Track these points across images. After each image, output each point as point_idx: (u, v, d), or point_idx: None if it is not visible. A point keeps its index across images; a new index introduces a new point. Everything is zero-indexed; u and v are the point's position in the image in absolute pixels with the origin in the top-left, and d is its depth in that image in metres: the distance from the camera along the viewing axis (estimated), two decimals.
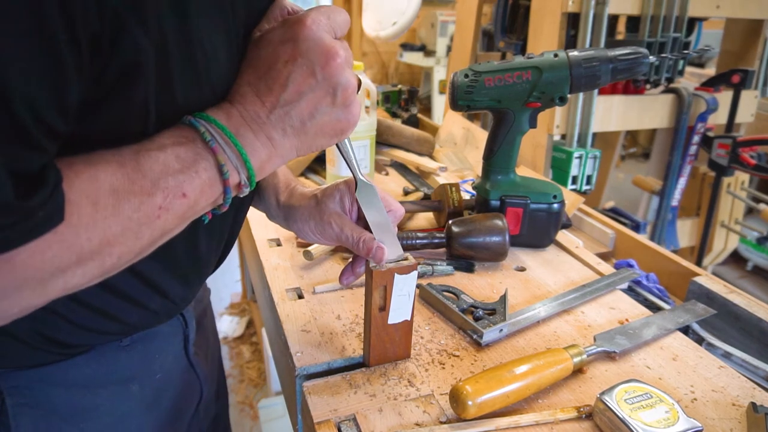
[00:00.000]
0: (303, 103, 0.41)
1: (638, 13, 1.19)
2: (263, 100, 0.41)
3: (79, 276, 0.35)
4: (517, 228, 0.86)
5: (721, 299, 0.75)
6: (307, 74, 0.40)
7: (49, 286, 0.34)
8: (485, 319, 0.66)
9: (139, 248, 0.38)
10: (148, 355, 0.55)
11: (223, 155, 0.39)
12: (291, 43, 0.40)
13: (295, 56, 0.40)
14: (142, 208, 0.36)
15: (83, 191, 0.33)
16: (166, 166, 0.37)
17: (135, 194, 0.35)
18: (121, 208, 0.35)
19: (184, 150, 0.38)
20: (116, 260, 0.37)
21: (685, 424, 0.49)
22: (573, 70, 0.78)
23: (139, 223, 0.36)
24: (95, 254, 0.35)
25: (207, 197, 0.40)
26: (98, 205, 0.34)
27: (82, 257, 0.34)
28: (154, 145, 0.38)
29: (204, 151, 0.39)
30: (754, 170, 1.31)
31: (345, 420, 0.52)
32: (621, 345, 0.63)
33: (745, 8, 1.28)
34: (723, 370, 0.61)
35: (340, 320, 0.67)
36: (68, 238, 0.33)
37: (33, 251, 0.31)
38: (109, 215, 0.34)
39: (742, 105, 1.36)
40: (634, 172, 1.89)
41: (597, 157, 1.19)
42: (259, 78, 0.41)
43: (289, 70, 0.40)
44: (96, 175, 0.34)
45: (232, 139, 0.40)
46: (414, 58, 2.66)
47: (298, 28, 0.40)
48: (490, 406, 0.51)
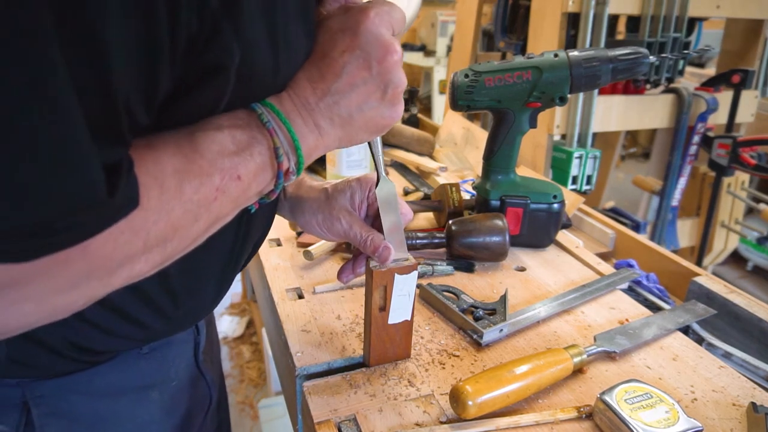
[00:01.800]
0: (353, 94, 0.41)
1: (638, 13, 1.19)
2: (314, 86, 0.40)
3: (143, 263, 0.34)
4: (517, 228, 0.86)
5: (721, 299, 0.75)
6: (362, 67, 0.40)
7: (115, 275, 0.33)
8: (485, 319, 0.66)
9: (195, 233, 0.37)
10: (165, 362, 0.55)
11: (278, 139, 0.39)
12: (350, 33, 0.40)
13: (353, 47, 0.40)
14: (201, 190, 0.35)
15: (150, 174, 0.32)
16: (222, 146, 0.36)
17: (195, 175, 0.35)
18: (183, 189, 0.34)
19: (240, 132, 0.37)
20: (176, 245, 0.36)
21: (685, 424, 0.49)
22: (573, 70, 0.78)
23: (198, 205, 0.35)
24: (160, 239, 0.34)
25: (259, 182, 0.39)
26: (164, 187, 0.33)
27: (148, 243, 0.33)
28: (211, 126, 0.37)
29: (259, 134, 0.38)
30: (755, 170, 1.31)
31: (345, 420, 0.52)
32: (621, 345, 0.63)
33: (745, 8, 1.28)
34: (723, 370, 0.61)
35: (340, 320, 0.67)
36: (138, 223, 0.32)
37: (106, 239, 0.30)
38: (173, 197, 0.33)
39: (742, 105, 1.36)
40: (634, 172, 1.89)
41: (597, 157, 1.19)
42: (312, 64, 0.40)
43: (345, 60, 0.40)
44: (159, 156, 0.33)
45: (285, 123, 0.39)
46: (414, 58, 2.66)
47: (360, 19, 0.40)
48: (490, 406, 0.51)
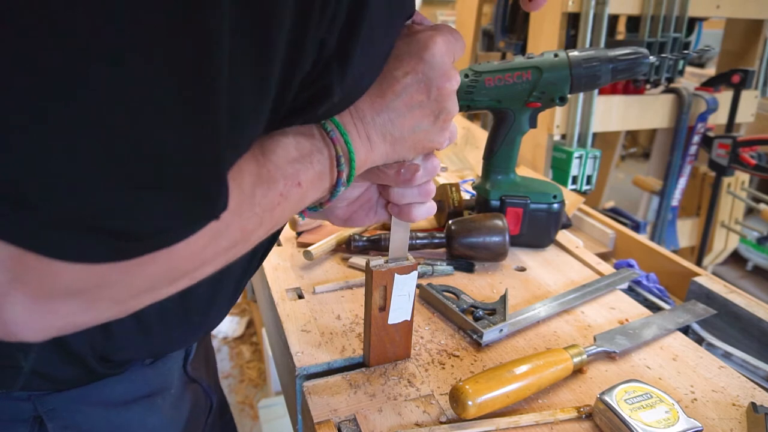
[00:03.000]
0: (409, 115, 0.42)
1: (638, 13, 1.19)
2: (373, 102, 0.41)
3: (210, 266, 0.34)
4: (517, 228, 0.86)
5: (721, 299, 0.75)
6: (421, 90, 0.42)
7: (184, 278, 0.32)
8: (485, 319, 0.66)
9: (256, 239, 0.37)
10: (164, 370, 0.56)
11: (340, 148, 0.40)
12: (416, 56, 0.41)
13: (416, 70, 0.41)
14: (269, 195, 0.35)
15: (232, 177, 0.32)
16: (287, 152, 0.37)
17: (264, 179, 0.35)
18: (255, 193, 0.34)
19: (304, 139, 0.38)
20: (239, 250, 0.36)
21: (685, 424, 0.49)
22: (573, 70, 0.78)
23: (263, 210, 0.35)
24: (231, 244, 0.34)
25: (316, 189, 0.40)
26: (243, 192, 0.33)
27: (220, 247, 0.33)
28: (277, 131, 0.38)
29: (320, 142, 0.39)
30: (755, 170, 1.31)
31: (345, 420, 0.52)
32: (621, 345, 0.63)
33: (745, 8, 1.28)
34: (723, 370, 0.61)
35: (340, 320, 0.67)
36: (218, 228, 0.31)
37: (192, 242, 0.30)
38: (246, 201, 0.33)
39: (742, 105, 1.36)
40: (634, 172, 1.89)
41: (597, 157, 1.19)
42: (382, 76, 0.41)
43: (407, 82, 0.41)
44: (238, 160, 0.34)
45: (343, 134, 0.40)
46: None
47: (428, 45, 0.41)
48: (490, 406, 0.51)
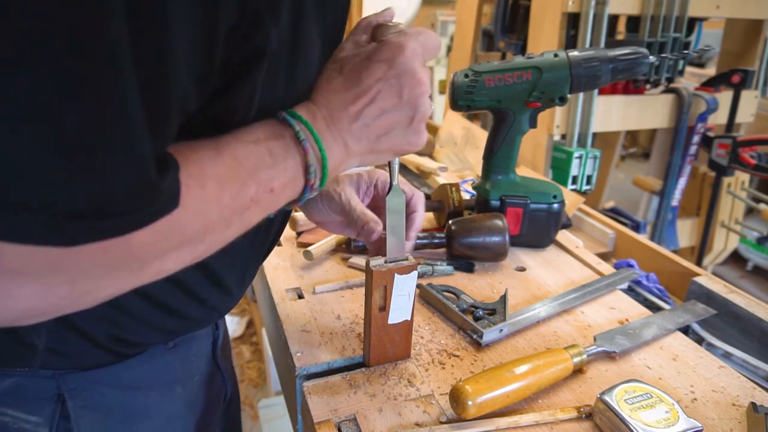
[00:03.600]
0: (383, 119, 0.44)
1: (638, 13, 1.19)
2: (348, 108, 0.43)
3: (173, 260, 0.35)
4: (517, 228, 0.86)
5: (721, 299, 0.75)
6: (394, 95, 0.43)
7: (147, 268, 0.34)
8: (485, 319, 0.66)
9: (225, 239, 0.39)
10: (188, 357, 0.56)
11: (311, 156, 0.41)
12: (387, 63, 0.43)
13: (387, 76, 0.43)
14: (238, 198, 0.37)
15: (192, 176, 0.34)
16: (260, 159, 0.38)
17: (233, 183, 0.36)
18: (222, 194, 0.36)
19: (277, 145, 0.39)
20: (206, 248, 0.37)
21: (685, 424, 0.49)
22: (573, 70, 0.78)
23: (232, 212, 0.37)
24: (193, 239, 0.35)
25: (287, 195, 0.41)
26: (204, 190, 0.34)
27: (183, 241, 0.34)
28: (250, 137, 0.39)
29: (293, 149, 0.40)
30: (754, 170, 1.31)
31: (345, 420, 0.52)
32: (621, 345, 0.63)
33: (745, 8, 1.28)
34: (723, 370, 0.61)
35: (340, 320, 0.67)
36: (177, 221, 0.33)
37: (148, 232, 0.31)
38: (211, 201, 0.35)
39: (742, 105, 1.36)
40: (634, 172, 1.89)
41: (597, 157, 1.19)
42: (347, 88, 0.43)
43: (379, 88, 0.43)
44: (201, 160, 0.35)
45: (318, 142, 0.41)
46: None
47: (397, 52, 0.43)
48: (490, 406, 0.51)
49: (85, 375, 0.48)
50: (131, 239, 0.31)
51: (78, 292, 0.32)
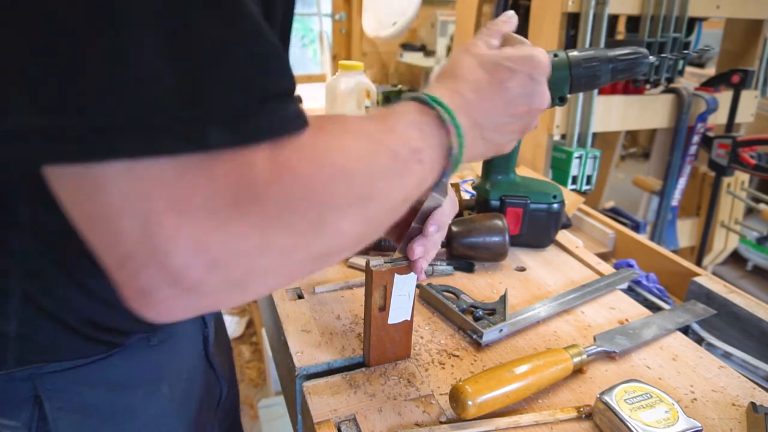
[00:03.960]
0: (510, 124, 0.47)
1: (638, 13, 1.19)
2: (486, 105, 0.45)
3: (350, 219, 0.35)
4: (517, 228, 0.86)
5: (721, 299, 0.75)
6: (525, 105, 0.47)
7: (326, 219, 0.33)
8: (485, 319, 0.66)
9: (391, 203, 0.38)
10: (174, 354, 0.55)
11: (453, 138, 0.42)
12: (527, 73, 0.46)
13: (525, 85, 0.46)
14: (396, 158, 0.37)
15: (346, 127, 0.36)
16: (410, 129, 0.39)
17: (388, 141, 0.37)
18: (379, 149, 0.36)
19: (423, 121, 0.41)
20: (377, 208, 0.37)
21: (685, 424, 0.49)
22: (573, 70, 0.78)
23: (393, 173, 0.37)
24: (362, 195, 0.35)
25: (432, 173, 0.42)
26: (360, 140, 0.36)
27: (350, 192, 0.34)
28: (398, 109, 0.41)
29: (437, 130, 0.41)
30: (754, 170, 1.31)
31: (345, 420, 0.52)
32: (621, 345, 0.63)
33: (745, 8, 1.28)
34: (723, 370, 0.61)
35: (340, 320, 0.67)
36: (335, 159, 0.33)
37: (310, 162, 0.31)
38: (370, 151, 0.36)
39: (742, 105, 1.36)
40: (634, 172, 1.89)
41: (597, 157, 1.19)
42: (489, 84, 0.45)
43: (517, 93, 0.46)
44: (353, 119, 0.37)
45: (457, 127, 0.42)
46: (414, 58, 2.66)
47: (538, 64, 0.47)
48: (490, 406, 0.51)
49: (64, 375, 0.47)
50: (293, 162, 0.30)
51: (265, 243, 0.30)
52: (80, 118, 0.24)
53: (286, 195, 0.30)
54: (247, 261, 0.29)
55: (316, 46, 3.13)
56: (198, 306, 0.30)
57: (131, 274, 0.27)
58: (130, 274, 0.28)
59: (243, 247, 0.29)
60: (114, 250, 0.27)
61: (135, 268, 0.27)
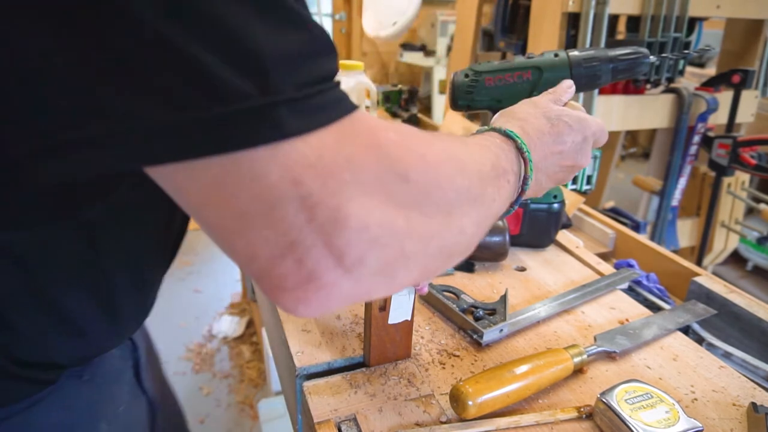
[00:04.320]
0: (558, 174, 0.51)
1: (639, 12, 1.19)
2: (544, 152, 0.48)
3: (468, 219, 0.35)
4: (518, 228, 0.86)
5: (721, 299, 0.75)
6: (572, 159, 0.51)
7: (453, 216, 0.34)
8: (485, 319, 0.65)
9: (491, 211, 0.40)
10: (108, 387, 0.52)
11: (530, 167, 0.45)
12: (581, 132, 0.51)
13: (578, 143, 0.51)
14: (494, 170, 0.40)
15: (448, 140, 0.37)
16: (497, 155, 0.42)
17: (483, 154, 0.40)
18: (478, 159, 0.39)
19: (506, 149, 0.44)
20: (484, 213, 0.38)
21: (685, 424, 0.49)
22: (573, 70, 0.78)
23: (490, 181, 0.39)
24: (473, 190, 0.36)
25: (510, 196, 0.44)
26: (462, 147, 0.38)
27: (470, 189, 0.36)
28: (480, 139, 0.43)
29: (516, 159, 0.44)
30: (755, 170, 1.31)
31: (345, 420, 0.52)
32: (621, 345, 0.63)
33: (746, 8, 1.28)
34: (723, 370, 0.61)
35: (340, 320, 0.67)
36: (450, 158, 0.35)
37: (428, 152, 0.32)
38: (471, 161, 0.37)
39: (743, 105, 1.36)
40: (634, 172, 1.89)
41: (597, 157, 1.19)
42: (552, 135, 0.49)
43: (570, 149, 0.50)
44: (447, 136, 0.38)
45: (530, 163, 0.45)
46: (414, 58, 2.66)
47: (589, 128, 0.52)
48: (490, 406, 0.51)
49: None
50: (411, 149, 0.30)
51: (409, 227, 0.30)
52: (211, 109, 0.24)
53: (424, 181, 0.31)
54: (398, 242, 0.30)
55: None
56: (355, 292, 0.30)
57: (297, 260, 0.27)
58: (297, 261, 0.27)
59: (395, 228, 0.29)
60: (274, 243, 0.26)
61: (299, 256, 0.27)
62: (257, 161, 0.25)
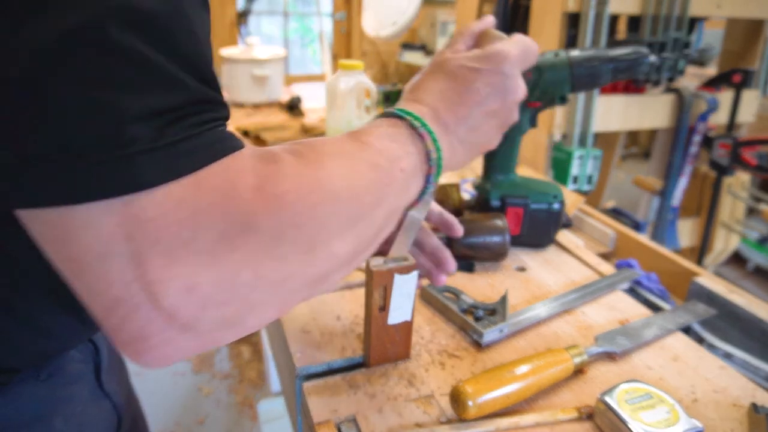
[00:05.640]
0: (485, 124, 0.46)
1: (639, 12, 1.19)
2: (455, 110, 0.44)
3: (341, 240, 0.34)
4: (518, 228, 0.86)
5: (721, 299, 0.75)
6: (498, 101, 0.46)
7: (317, 249, 0.33)
8: (485, 320, 0.65)
9: (380, 221, 0.38)
10: (65, 385, 0.51)
11: (429, 142, 0.41)
12: (495, 69, 0.45)
13: (494, 82, 0.45)
14: (376, 171, 0.37)
15: (327, 147, 0.35)
16: (384, 143, 0.39)
17: (367, 157, 0.37)
18: (359, 166, 0.36)
19: (396, 132, 0.41)
20: (366, 228, 0.37)
21: (685, 425, 0.49)
22: (574, 70, 0.78)
23: (376, 186, 0.37)
24: (351, 215, 0.35)
25: (416, 181, 0.42)
26: (343, 159, 0.36)
27: (338, 208, 0.34)
28: (370, 127, 0.40)
29: (411, 136, 0.41)
30: (755, 170, 1.31)
31: (345, 420, 0.52)
32: (622, 345, 0.63)
33: (746, 8, 1.28)
34: (724, 370, 0.61)
35: (340, 320, 0.67)
36: (323, 180, 0.33)
37: (293, 183, 0.31)
38: (353, 171, 0.36)
39: (743, 105, 1.36)
40: (635, 172, 1.89)
41: (598, 157, 1.19)
42: (455, 90, 0.45)
43: (487, 92, 0.45)
44: (331, 141, 0.37)
45: (430, 132, 0.42)
46: (414, 57, 2.66)
47: (503, 59, 0.45)
48: (490, 407, 0.51)
49: None
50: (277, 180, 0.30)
51: (259, 273, 0.29)
52: (49, 159, 0.24)
53: (277, 225, 0.29)
54: (240, 296, 0.29)
55: (316, 46, 3.13)
56: (194, 346, 0.29)
57: (123, 318, 0.26)
58: (122, 319, 0.26)
59: (235, 283, 0.28)
60: (103, 295, 0.26)
61: (126, 313, 0.26)
62: (92, 212, 0.25)
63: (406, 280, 0.55)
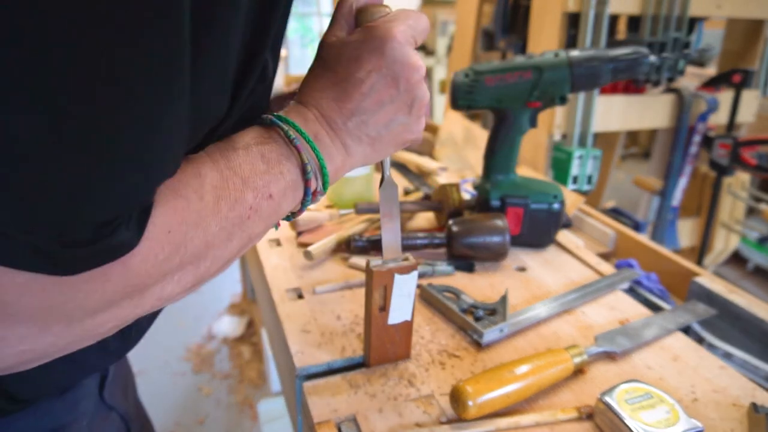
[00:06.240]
0: (381, 113, 0.41)
1: (639, 12, 1.19)
2: (341, 106, 0.40)
3: (175, 283, 0.33)
4: (518, 228, 0.86)
5: (721, 299, 0.75)
6: (389, 85, 0.40)
7: (147, 294, 0.32)
8: (485, 320, 0.65)
9: (228, 254, 0.36)
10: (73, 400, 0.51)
11: (306, 155, 0.38)
12: (377, 53, 0.39)
13: (379, 66, 0.40)
14: (236, 207, 0.35)
15: (191, 186, 0.32)
16: (254, 165, 0.36)
17: (230, 191, 0.34)
18: (220, 206, 0.34)
19: (268, 149, 0.37)
20: (209, 266, 0.35)
21: (685, 425, 0.49)
22: (574, 70, 0.78)
23: (232, 223, 0.35)
24: (195, 257, 0.33)
25: (289, 201, 0.39)
26: (203, 202, 0.33)
27: (184, 260, 0.33)
28: (240, 144, 0.37)
29: (287, 151, 0.38)
30: (755, 170, 1.31)
31: (345, 420, 0.52)
32: (622, 345, 0.63)
33: (746, 8, 1.28)
34: (724, 370, 0.61)
35: (340, 320, 0.67)
36: (176, 238, 0.31)
37: (147, 253, 0.29)
38: (210, 213, 0.33)
39: (743, 105, 1.36)
40: (635, 172, 1.89)
41: (598, 157, 1.19)
42: (337, 84, 0.40)
43: (373, 80, 0.40)
44: (199, 170, 0.33)
45: (310, 143, 0.39)
46: None
47: (385, 39, 0.39)
48: (490, 407, 0.51)
49: None
50: (129, 262, 0.29)
51: (77, 331, 0.30)
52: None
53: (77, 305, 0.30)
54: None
55: (315, 46, 3.12)
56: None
57: None
58: None
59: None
60: None
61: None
62: None
63: (406, 280, 0.55)
